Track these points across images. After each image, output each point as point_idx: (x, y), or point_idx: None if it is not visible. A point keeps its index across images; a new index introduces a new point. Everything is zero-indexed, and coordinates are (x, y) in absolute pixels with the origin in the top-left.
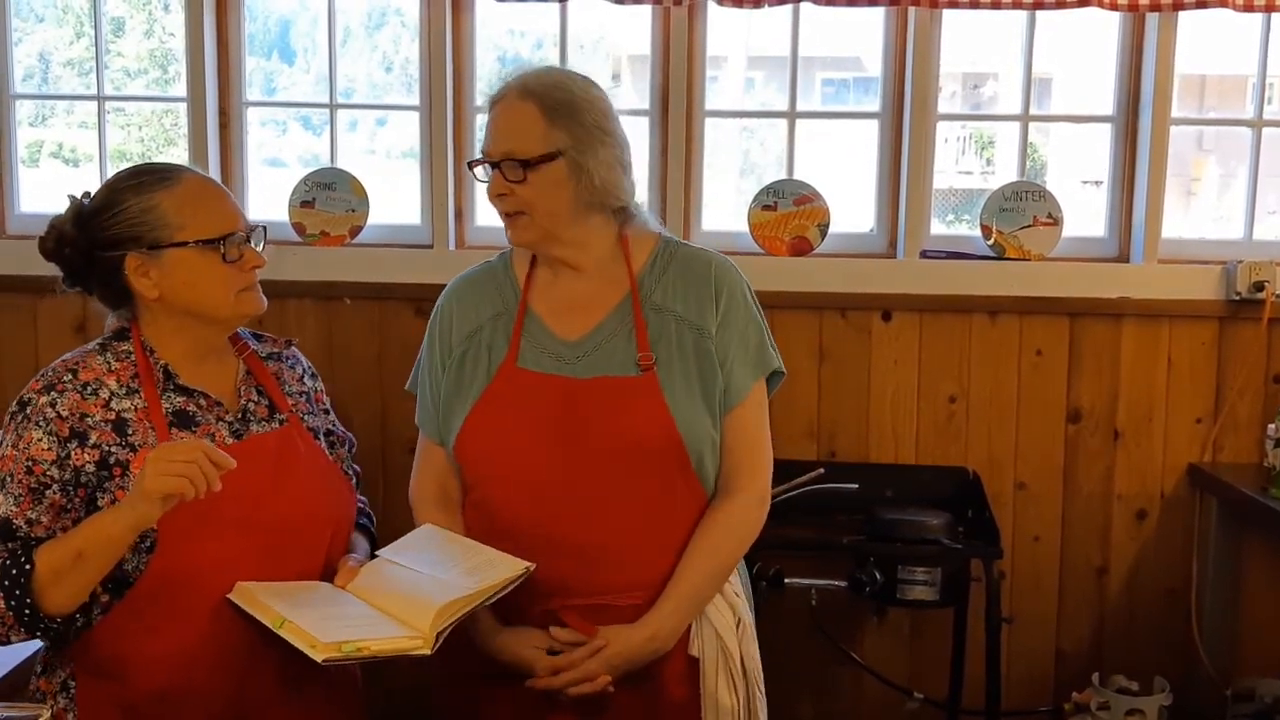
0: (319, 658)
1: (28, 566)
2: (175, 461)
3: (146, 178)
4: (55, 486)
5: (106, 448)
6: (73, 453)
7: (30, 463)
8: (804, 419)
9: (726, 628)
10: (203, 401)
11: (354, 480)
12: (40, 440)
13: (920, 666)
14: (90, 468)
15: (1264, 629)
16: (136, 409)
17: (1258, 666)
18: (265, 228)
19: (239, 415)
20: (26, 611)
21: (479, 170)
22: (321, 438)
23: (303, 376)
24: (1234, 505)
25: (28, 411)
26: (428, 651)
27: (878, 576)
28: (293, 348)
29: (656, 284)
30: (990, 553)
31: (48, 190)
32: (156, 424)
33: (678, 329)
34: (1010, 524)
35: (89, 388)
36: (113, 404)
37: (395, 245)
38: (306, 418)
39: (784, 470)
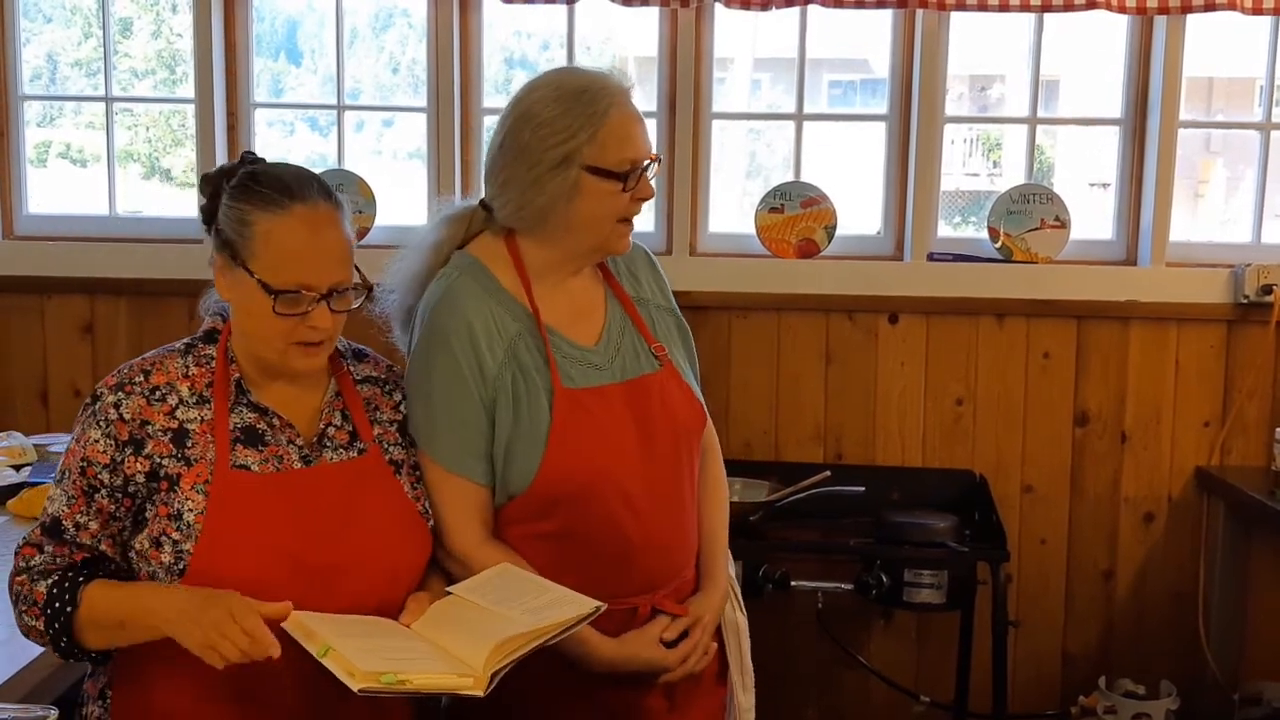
0: (355, 687)
1: (69, 609)
2: (224, 640)
3: (268, 190)
4: (104, 491)
5: (159, 459)
6: (126, 459)
7: (85, 463)
8: (811, 422)
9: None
10: (275, 421)
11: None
12: (97, 441)
13: (926, 669)
14: (140, 478)
15: (1272, 633)
16: (202, 420)
17: (1265, 670)
18: (372, 288)
19: (314, 440)
20: (63, 642)
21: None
22: (405, 471)
23: (399, 404)
24: (1242, 509)
25: (95, 408)
26: (480, 693)
27: (884, 579)
28: (394, 371)
29: (620, 276)
30: (997, 556)
31: (55, 191)
32: (219, 438)
33: (660, 316)
34: (1017, 527)
35: (157, 392)
36: (178, 412)
37: (402, 247)
38: (391, 449)
39: (791, 473)
